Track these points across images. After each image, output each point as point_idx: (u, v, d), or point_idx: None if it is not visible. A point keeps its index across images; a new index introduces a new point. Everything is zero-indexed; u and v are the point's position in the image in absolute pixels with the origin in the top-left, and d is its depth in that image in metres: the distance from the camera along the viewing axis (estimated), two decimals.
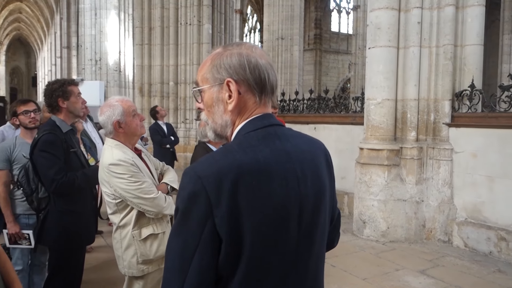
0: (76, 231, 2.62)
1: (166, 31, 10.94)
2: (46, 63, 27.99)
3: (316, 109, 7.17)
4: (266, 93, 1.03)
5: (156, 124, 7.03)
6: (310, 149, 1.07)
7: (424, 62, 5.03)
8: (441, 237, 5.01)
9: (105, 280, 3.77)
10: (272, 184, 0.94)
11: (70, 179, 2.51)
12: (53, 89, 2.63)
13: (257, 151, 0.96)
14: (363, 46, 17.30)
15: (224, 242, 0.91)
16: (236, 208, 0.90)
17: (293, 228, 0.98)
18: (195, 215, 0.91)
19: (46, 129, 2.59)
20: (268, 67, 1.03)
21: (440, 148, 5.01)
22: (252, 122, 1.01)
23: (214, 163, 0.94)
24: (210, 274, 0.92)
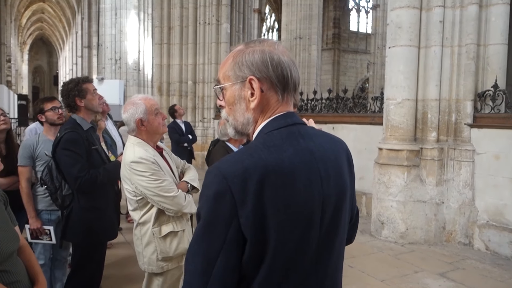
0: (99, 227, 2.67)
1: (185, 30, 11.02)
2: (68, 62, 28.52)
3: (335, 108, 7.12)
4: (289, 90, 1.02)
5: (174, 122, 7.05)
6: (333, 148, 1.06)
7: (446, 61, 4.95)
8: (461, 240, 4.92)
9: (125, 276, 3.83)
10: (296, 184, 0.93)
11: (92, 176, 2.55)
12: (69, 89, 2.68)
13: (281, 150, 0.94)
14: (382, 46, 17.12)
15: (249, 242, 0.90)
16: (261, 208, 0.89)
17: (315, 228, 0.97)
18: (220, 216, 0.89)
19: (67, 128, 2.64)
20: (290, 64, 1.02)
21: (461, 149, 4.92)
22: (275, 121, 1.00)
23: (240, 162, 0.92)
24: (234, 275, 0.91)
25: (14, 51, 28.50)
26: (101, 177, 2.59)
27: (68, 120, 2.76)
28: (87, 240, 2.64)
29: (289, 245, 0.93)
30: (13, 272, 1.55)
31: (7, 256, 1.53)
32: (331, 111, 7.20)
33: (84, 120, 2.72)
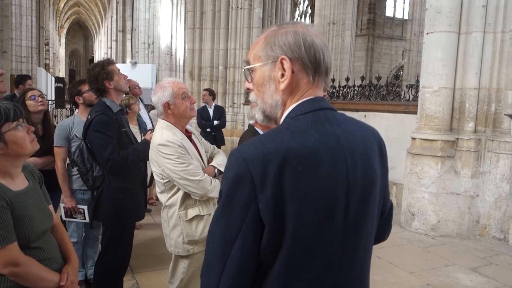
0: (129, 208, 2.72)
1: (218, 15, 10.98)
2: (103, 46, 29.10)
3: (367, 96, 6.96)
4: (320, 73, 0.99)
5: (203, 107, 7.16)
6: (362, 137, 1.01)
7: (488, 49, 4.72)
8: (496, 234, 4.75)
9: (153, 256, 3.91)
10: (319, 171, 0.90)
11: (123, 157, 2.59)
12: (96, 73, 2.69)
13: (305, 136, 0.92)
14: (419, 32, 16.54)
15: (267, 228, 0.89)
16: (281, 194, 0.87)
17: (338, 218, 0.93)
18: (239, 199, 0.89)
19: (98, 110, 2.67)
20: (323, 47, 0.99)
21: (500, 141, 4.71)
22: (303, 105, 0.98)
23: (261, 146, 0.90)
24: (251, 260, 0.91)
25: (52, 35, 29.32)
26: (131, 157, 2.63)
27: (97, 102, 2.80)
28: (117, 221, 2.69)
29: (309, 233, 0.91)
30: (46, 249, 1.60)
31: (41, 233, 1.58)
32: (363, 99, 7.05)
33: (113, 103, 2.75)
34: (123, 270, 2.89)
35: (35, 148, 1.63)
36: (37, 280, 1.51)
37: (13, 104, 1.55)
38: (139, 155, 2.69)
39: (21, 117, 1.57)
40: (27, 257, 1.48)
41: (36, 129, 3.13)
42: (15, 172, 1.57)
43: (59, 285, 1.58)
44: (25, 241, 1.50)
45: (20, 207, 1.49)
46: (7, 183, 1.51)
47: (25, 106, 3.09)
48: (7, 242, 1.41)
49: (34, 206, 1.58)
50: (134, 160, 2.65)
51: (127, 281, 3.26)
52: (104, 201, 2.68)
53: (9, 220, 1.43)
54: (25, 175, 1.64)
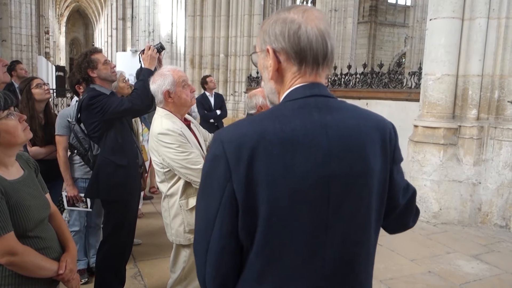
0: (127, 182, 2.73)
1: (218, 2, 10.88)
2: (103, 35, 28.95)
3: (369, 84, 6.91)
4: (308, 62, 0.96)
5: (203, 96, 6.61)
6: (358, 126, 0.97)
7: (491, 35, 4.65)
8: (498, 222, 4.75)
9: (155, 245, 3.92)
10: (295, 157, 0.88)
11: (134, 92, 2.64)
12: (79, 62, 2.69)
13: (286, 121, 0.91)
14: (421, 19, 16.36)
15: (241, 209, 0.89)
16: (253, 176, 0.88)
17: (319, 208, 0.91)
18: (216, 179, 0.91)
19: (88, 92, 2.67)
20: (316, 33, 0.94)
21: (503, 128, 4.68)
22: (294, 92, 0.97)
23: (238, 129, 0.92)
24: (232, 239, 0.92)
25: (52, 23, 29.16)
26: (140, 89, 2.61)
27: (86, 88, 2.76)
28: (115, 196, 2.70)
29: (284, 220, 0.90)
30: (44, 238, 1.59)
31: (38, 222, 1.57)
32: (365, 86, 7.00)
33: (103, 87, 2.72)
34: (125, 257, 2.89)
35: (28, 136, 1.61)
36: (35, 269, 1.50)
37: (3, 93, 1.53)
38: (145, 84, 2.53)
39: (12, 105, 1.54)
40: (24, 246, 1.47)
41: (38, 118, 3.12)
42: (9, 161, 1.55)
43: (57, 274, 1.58)
44: (22, 230, 1.49)
45: (15, 196, 1.48)
46: (1, 172, 1.49)
47: (31, 94, 3.07)
48: (3, 231, 1.40)
49: (30, 195, 1.56)
50: (143, 93, 2.57)
51: (130, 269, 3.28)
52: (99, 176, 2.67)
53: (5, 209, 1.42)
54: (20, 164, 1.62)
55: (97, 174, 2.69)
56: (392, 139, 1.05)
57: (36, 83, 3.12)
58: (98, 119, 2.61)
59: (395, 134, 1.07)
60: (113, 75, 2.79)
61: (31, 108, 3.05)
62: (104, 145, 2.67)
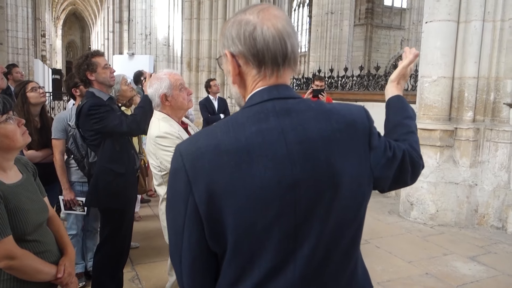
0: (124, 191, 2.73)
1: (215, 5, 10.89)
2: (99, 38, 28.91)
3: (366, 86, 6.94)
4: (266, 65, 0.92)
5: (207, 99, 6.61)
6: (319, 127, 0.92)
7: (487, 37, 4.69)
8: (494, 223, 4.77)
9: (152, 248, 3.91)
10: (253, 166, 0.86)
11: (133, 117, 2.64)
12: (79, 64, 2.68)
13: (241, 129, 0.89)
14: (417, 21, 16.49)
15: (204, 221, 0.88)
16: (213, 188, 0.87)
17: (286, 216, 0.88)
18: (178, 192, 0.90)
19: (87, 97, 2.67)
20: (272, 33, 0.90)
21: (499, 130, 4.71)
22: (253, 97, 0.94)
23: (195, 141, 0.91)
24: (202, 249, 0.91)
25: (49, 26, 29.11)
26: (138, 115, 2.63)
27: (85, 93, 2.78)
28: (113, 204, 2.70)
29: (251, 230, 0.88)
30: (43, 242, 1.59)
31: (37, 226, 1.57)
32: (362, 89, 7.03)
33: (101, 92, 2.73)
34: (122, 261, 2.89)
35: (27, 141, 1.61)
36: (34, 272, 1.50)
37: (2, 97, 1.53)
38: (145, 111, 2.62)
39: (11, 110, 1.55)
40: (23, 250, 1.47)
41: (33, 121, 3.11)
42: (8, 165, 1.55)
43: (56, 277, 1.58)
44: (21, 234, 1.49)
45: (14, 200, 1.48)
46: (0, 176, 1.50)
47: (26, 98, 3.06)
48: (2, 235, 1.40)
49: (29, 198, 1.57)
50: (143, 117, 2.59)
51: (127, 272, 3.27)
52: (99, 185, 2.68)
53: (3, 213, 1.42)
54: (18, 168, 1.62)
55: (96, 183, 2.69)
56: (365, 127, 1.00)
57: (31, 87, 3.11)
58: (94, 130, 2.63)
59: (369, 120, 1.02)
60: (111, 80, 2.78)
61: (26, 111, 3.04)
62: (102, 153, 2.67)
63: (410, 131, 1.22)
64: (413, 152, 1.15)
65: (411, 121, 1.26)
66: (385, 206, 5.64)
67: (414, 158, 1.14)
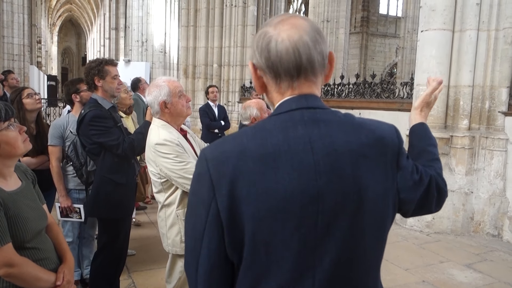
0: (123, 201, 2.74)
1: (212, 12, 10.94)
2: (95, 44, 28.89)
3: (362, 94, 6.97)
4: (281, 77, 0.92)
5: (207, 105, 6.54)
6: (347, 140, 0.91)
7: (481, 46, 4.75)
8: (490, 231, 4.79)
9: (149, 256, 3.89)
10: (278, 174, 0.86)
11: (130, 140, 2.64)
12: (91, 67, 2.70)
13: (268, 136, 0.88)
14: (412, 30, 16.58)
15: (225, 227, 0.88)
16: (236, 194, 0.86)
17: (306, 227, 0.87)
18: (201, 197, 0.90)
19: (91, 105, 2.68)
20: (286, 45, 0.89)
21: (494, 138, 4.75)
22: (281, 106, 0.94)
23: (220, 145, 0.92)
24: (220, 257, 0.90)
25: (44, 33, 29.06)
26: (136, 141, 2.64)
27: (89, 100, 2.79)
28: (113, 214, 2.70)
29: (270, 238, 0.87)
30: (42, 249, 1.58)
31: (36, 233, 1.56)
32: (358, 97, 7.06)
33: (104, 100, 2.74)
34: (119, 269, 2.88)
35: (28, 148, 1.61)
36: (33, 280, 1.49)
37: (4, 104, 1.53)
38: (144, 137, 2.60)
39: (13, 117, 1.55)
40: (22, 258, 1.47)
41: (29, 128, 3.10)
42: (8, 172, 1.55)
43: (55, 285, 1.57)
44: (20, 241, 1.48)
45: (13, 207, 1.48)
46: (0, 183, 1.49)
47: (22, 104, 3.06)
48: (1, 243, 1.40)
49: (28, 206, 1.56)
50: (140, 144, 2.62)
51: (123, 280, 3.25)
52: (99, 195, 2.67)
53: (3, 220, 1.42)
54: (18, 175, 1.62)
55: (97, 193, 2.69)
56: (395, 145, 0.99)
57: (27, 93, 3.10)
58: (93, 140, 2.64)
59: (399, 139, 1.01)
60: (116, 91, 2.80)
61: (22, 118, 3.03)
62: (102, 163, 2.68)
63: (435, 158, 1.21)
64: (439, 179, 1.13)
65: (435, 149, 1.25)
66: None
67: (440, 184, 1.13)
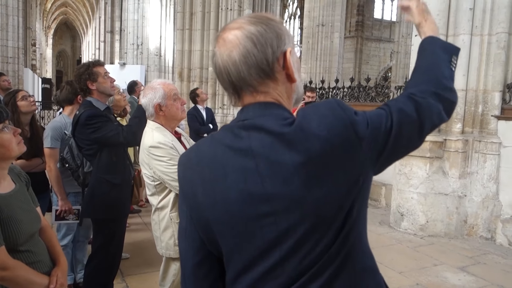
0: (119, 201, 2.73)
1: (207, 16, 10.96)
2: (91, 47, 28.82)
3: (356, 97, 7.01)
4: (228, 90, 0.97)
5: (195, 109, 6.29)
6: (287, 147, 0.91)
7: (475, 51, 4.79)
8: (483, 234, 4.82)
9: (142, 259, 3.88)
10: (228, 179, 0.89)
11: (128, 128, 2.64)
12: (80, 73, 2.70)
13: (218, 144, 0.94)
14: (406, 34, 16.69)
15: (199, 229, 0.96)
16: (197, 199, 0.93)
17: (268, 227, 0.88)
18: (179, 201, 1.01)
19: (85, 107, 2.68)
20: (219, 66, 0.93)
21: (487, 142, 4.78)
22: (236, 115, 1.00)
23: (189, 152, 1.00)
24: (205, 253, 0.97)
25: (39, 35, 28.96)
26: (134, 126, 2.64)
27: (83, 102, 2.80)
28: (109, 214, 2.69)
29: (236, 238, 0.91)
30: (35, 252, 1.58)
31: (29, 236, 1.56)
32: (353, 100, 7.09)
33: (99, 102, 2.75)
34: (113, 272, 2.87)
35: (22, 150, 1.61)
36: (26, 283, 1.49)
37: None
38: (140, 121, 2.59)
39: (7, 119, 1.55)
40: (15, 261, 1.46)
41: (23, 130, 3.09)
42: (2, 174, 1.55)
43: None
44: (13, 244, 1.48)
45: (7, 210, 1.47)
46: None
47: (16, 107, 3.05)
48: None
49: (22, 208, 1.56)
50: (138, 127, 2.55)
51: (117, 284, 3.23)
52: (95, 196, 2.67)
53: None
54: (11, 178, 1.62)
55: (92, 194, 2.68)
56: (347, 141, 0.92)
57: (22, 95, 3.09)
58: (91, 139, 2.63)
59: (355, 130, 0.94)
60: (111, 89, 2.81)
61: (16, 121, 3.02)
62: (98, 164, 2.67)
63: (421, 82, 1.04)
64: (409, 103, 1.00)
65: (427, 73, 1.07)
66: (375, 217, 5.66)
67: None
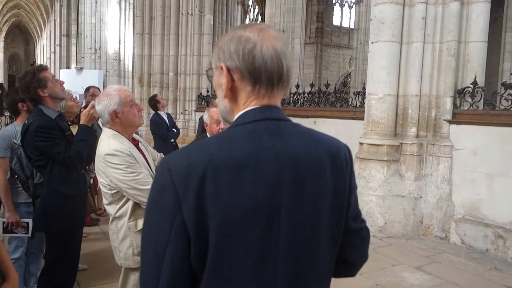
0: (74, 213, 2.63)
1: (167, 20, 10.84)
2: (45, 51, 27.82)
3: (317, 103, 7.13)
4: (262, 82, 0.93)
5: (157, 115, 6.32)
6: (307, 152, 0.94)
7: (427, 58, 4.99)
8: (438, 234, 5.00)
9: (101, 270, 3.75)
10: (244, 185, 0.86)
11: (75, 150, 2.53)
12: (27, 82, 2.55)
13: (235, 147, 0.89)
14: (364, 41, 17.19)
15: (192, 239, 0.86)
16: (203, 206, 0.85)
17: (268, 238, 0.89)
18: (164, 209, 0.87)
19: (35, 115, 2.56)
20: (271, 53, 0.92)
21: (440, 145, 4.99)
22: (245, 115, 0.94)
23: (186, 156, 0.89)
24: (184, 268, 0.88)
25: None
26: (80, 150, 2.55)
27: (33, 110, 2.66)
28: (64, 227, 2.59)
29: (234, 250, 0.88)
30: None
31: None
32: (313, 105, 7.21)
33: (50, 109, 2.63)
34: (68, 285, 2.75)
35: None
36: None
37: None
38: (87, 143, 2.57)
39: None
40: None
41: None
42: None
43: None
44: None
45: None
46: None
47: None
48: None
49: None
50: (84, 150, 2.55)
51: None
52: (48, 208, 2.56)
53: None
54: None
55: (44, 207, 2.57)
56: (348, 163, 1.03)
57: None
58: (39, 151, 2.52)
59: (350, 158, 1.04)
60: (63, 93, 2.70)
61: None
62: (49, 175, 2.55)
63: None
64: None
65: None
66: None
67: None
